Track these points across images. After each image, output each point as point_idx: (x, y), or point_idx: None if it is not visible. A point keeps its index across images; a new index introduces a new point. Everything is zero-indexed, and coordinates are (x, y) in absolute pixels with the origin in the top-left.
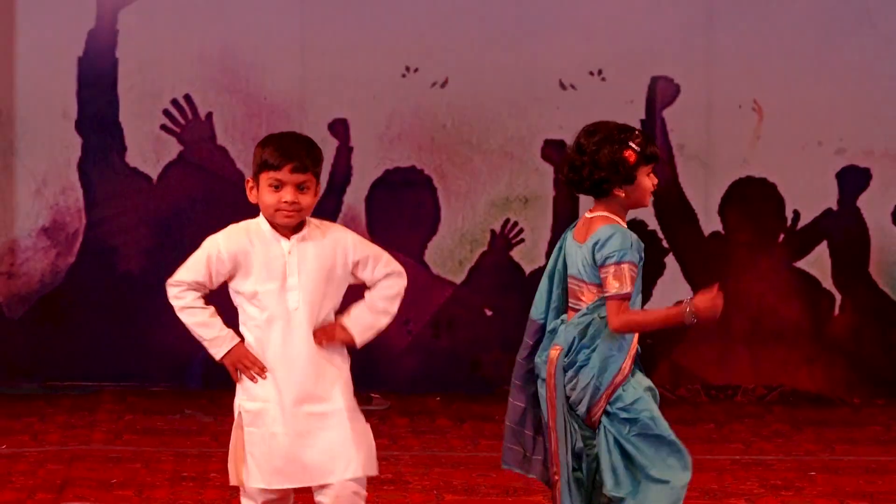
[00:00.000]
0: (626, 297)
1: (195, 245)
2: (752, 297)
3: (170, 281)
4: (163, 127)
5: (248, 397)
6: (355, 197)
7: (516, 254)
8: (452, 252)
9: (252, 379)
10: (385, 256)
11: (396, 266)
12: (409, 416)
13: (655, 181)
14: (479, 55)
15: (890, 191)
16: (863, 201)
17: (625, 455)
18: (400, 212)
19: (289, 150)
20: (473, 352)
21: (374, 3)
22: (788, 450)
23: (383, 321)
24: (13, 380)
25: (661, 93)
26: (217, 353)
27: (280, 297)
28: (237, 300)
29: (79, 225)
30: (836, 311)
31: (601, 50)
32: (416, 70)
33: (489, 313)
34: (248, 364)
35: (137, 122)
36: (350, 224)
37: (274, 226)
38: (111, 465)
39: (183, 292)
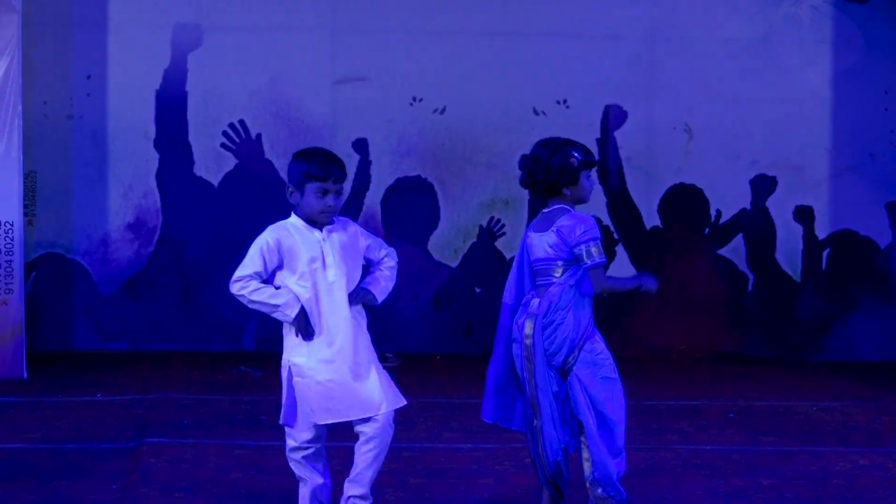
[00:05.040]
0: (602, 264)
1: (249, 237)
2: (684, 278)
3: (233, 279)
4: (222, 145)
5: (297, 353)
6: (373, 199)
7: (499, 244)
8: (450, 243)
9: (311, 335)
10: (381, 240)
11: (389, 247)
12: (416, 372)
13: (594, 182)
14: (470, 88)
15: (792, 194)
16: (770, 202)
17: (589, 396)
18: (408, 211)
19: (330, 166)
20: (466, 321)
21: (389, 48)
22: (712, 396)
23: (391, 284)
24: (105, 343)
25: (612, 117)
26: (291, 312)
27: (322, 273)
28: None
29: (157, 222)
30: (750, 288)
31: (566, 84)
32: (421, 100)
33: (478, 291)
34: (309, 321)
35: (202, 141)
36: (370, 221)
37: (310, 222)
38: (182, 409)
39: (247, 282)
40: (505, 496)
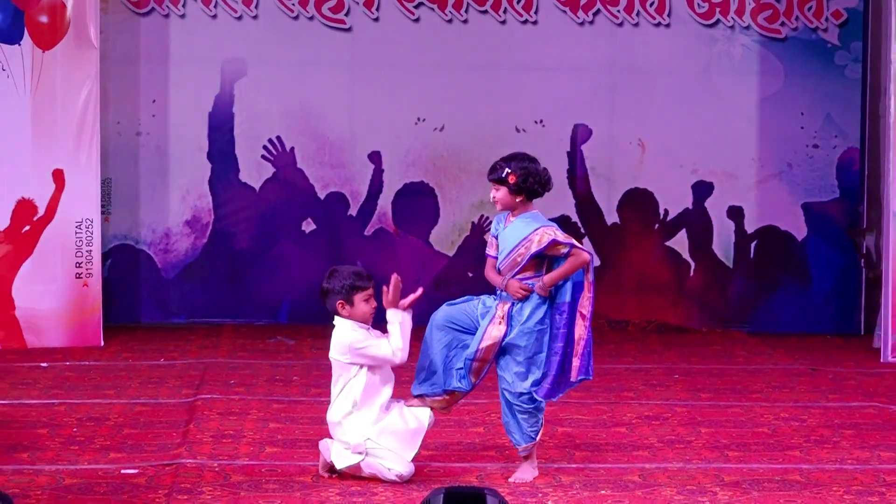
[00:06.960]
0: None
1: (284, 232)
2: (637, 264)
3: (392, 356)
4: (263, 157)
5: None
6: (385, 201)
7: (488, 237)
8: (447, 236)
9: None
10: None
11: None
12: (419, 340)
13: (492, 196)
14: (464, 110)
15: (725, 197)
16: (708, 203)
17: None
18: (414, 210)
19: (366, 274)
20: None
21: (396, 78)
22: (661, 361)
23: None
24: (168, 317)
25: (580, 134)
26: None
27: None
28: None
29: (209, 219)
30: (692, 273)
31: (542, 106)
32: (424, 119)
33: (470, 275)
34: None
35: (246, 153)
36: (382, 218)
37: (363, 323)
38: (230, 371)
39: (389, 348)
40: (491, 440)
